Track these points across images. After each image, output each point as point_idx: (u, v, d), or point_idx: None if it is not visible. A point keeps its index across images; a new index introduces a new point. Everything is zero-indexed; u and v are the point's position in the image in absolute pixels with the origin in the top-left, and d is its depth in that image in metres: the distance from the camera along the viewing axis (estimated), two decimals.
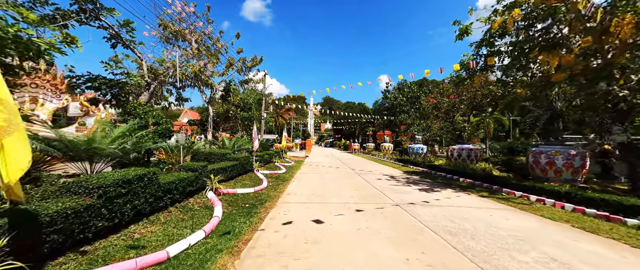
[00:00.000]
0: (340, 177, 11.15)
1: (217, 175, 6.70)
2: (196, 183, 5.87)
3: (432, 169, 13.83)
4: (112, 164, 6.03)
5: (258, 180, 9.17)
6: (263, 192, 7.51)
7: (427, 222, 4.91)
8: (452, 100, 14.41)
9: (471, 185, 9.61)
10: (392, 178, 11.18)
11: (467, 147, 13.80)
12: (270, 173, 11.28)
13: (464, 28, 9.12)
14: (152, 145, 5.92)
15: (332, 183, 9.38)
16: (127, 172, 3.76)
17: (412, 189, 8.48)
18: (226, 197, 6.41)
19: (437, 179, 11.05)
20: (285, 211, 5.55)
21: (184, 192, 5.29)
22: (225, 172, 7.72)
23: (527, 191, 7.56)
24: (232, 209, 5.52)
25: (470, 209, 6.04)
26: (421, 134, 21.36)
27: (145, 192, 4.00)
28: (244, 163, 9.62)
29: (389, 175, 12.21)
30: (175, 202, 5.08)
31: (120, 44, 8.64)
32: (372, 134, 45.11)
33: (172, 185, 4.77)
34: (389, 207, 6.07)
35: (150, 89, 8.78)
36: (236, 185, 8.04)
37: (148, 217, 4.21)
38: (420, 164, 15.82)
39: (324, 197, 7.05)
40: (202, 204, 5.58)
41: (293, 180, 9.81)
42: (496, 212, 5.89)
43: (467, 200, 6.97)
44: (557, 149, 8.44)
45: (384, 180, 10.37)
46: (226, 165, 7.86)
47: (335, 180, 10.18)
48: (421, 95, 30.27)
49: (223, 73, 14.55)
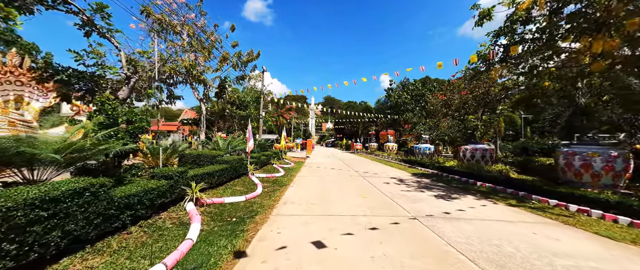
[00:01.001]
0: (343, 180, 10.11)
1: (200, 183, 5.68)
2: (172, 193, 4.85)
3: (443, 171, 12.76)
4: (72, 170, 5.02)
5: (252, 186, 8.15)
6: (256, 200, 6.48)
7: (458, 244, 3.86)
8: (465, 97, 13.32)
9: (492, 190, 8.53)
10: (401, 181, 10.12)
11: (482, 147, 12.71)
12: (267, 176, 10.25)
13: (484, 11, 8.04)
14: (119, 147, 4.90)
15: (335, 188, 8.34)
16: (55, 186, 2.73)
17: (426, 196, 7.42)
18: (210, 209, 5.38)
19: (452, 183, 9.98)
20: (279, 228, 4.51)
21: (153, 206, 4.26)
22: (211, 177, 6.69)
23: (563, 199, 6.48)
24: (214, 225, 4.48)
25: (505, 224, 4.97)
26: (428, 133, 20.25)
27: (87, 212, 2.98)
28: (236, 166, 8.59)
29: (396, 178, 11.15)
30: (141, 219, 4.06)
31: (95, 32, 7.63)
32: (374, 134, 43.99)
33: (133, 198, 3.74)
34: (406, 221, 5.02)
35: (130, 83, 7.76)
36: (225, 192, 7.01)
37: (93, 244, 3.18)
38: (429, 165, 14.75)
39: (327, 207, 6.01)
40: (177, 219, 4.55)
41: (291, 185, 8.78)
42: (537, 228, 4.82)
43: (496, 212, 5.90)
44: (594, 149, 7.35)
45: (392, 185, 9.32)
46: (213, 170, 6.83)
47: (338, 184, 9.13)
48: (426, 93, 29.12)
49: (217, 69, 13.52)
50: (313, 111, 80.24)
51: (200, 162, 8.47)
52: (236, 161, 8.60)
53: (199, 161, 8.48)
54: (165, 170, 4.91)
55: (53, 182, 2.91)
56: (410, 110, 27.86)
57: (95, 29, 7.57)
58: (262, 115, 17.55)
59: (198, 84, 13.00)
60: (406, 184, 9.63)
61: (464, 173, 11.19)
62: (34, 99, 12.39)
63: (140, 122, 5.69)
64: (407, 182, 9.95)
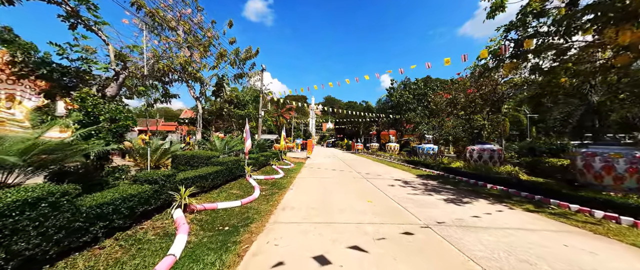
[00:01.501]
0: (345, 182, 9.60)
1: (191, 187, 5.17)
2: (157, 199, 4.34)
3: (449, 173, 12.25)
4: (48, 173, 4.51)
5: (249, 189, 7.64)
6: (252, 205, 5.97)
7: (483, 260, 3.35)
8: (471, 95, 12.82)
9: (505, 194, 8.02)
10: (407, 184, 9.61)
11: (489, 148, 12.20)
12: (265, 178, 9.75)
13: (497, 2, 7.52)
14: (99, 148, 4.41)
15: (337, 191, 7.83)
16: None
17: (435, 200, 6.90)
18: (201, 217, 4.87)
19: (460, 186, 9.46)
20: (277, 238, 4.01)
21: (133, 215, 3.76)
22: (204, 180, 6.18)
23: (586, 204, 5.96)
24: (203, 236, 3.98)
25: (529, 234, 4.46)
26: (431, 133, 19.74)
27: (43, 226, 2.47)
28: (232, 168, 8.09)
29: (401, 179, 10.64)
30: (118, 230, 3.55)
31: (81, 24, 7.14)
32: (376, 134, 43.50)
33: (107, 207, 3.24)
34: (418, 230, 4.51)
35: (119, 79, 7.26)
36: (220, 196, 6.50)
37: (54, 264, 2.68)
38: (434, 166, 14.25)
39: (329, 212, 5.50)
40: (161, 229, 4.04)
41: (291, 188, 8.28)
42: (566, 238, 4.31)
43: (515, 219, 5.39)
44: (616, 150, 6.83)
45: (397, 187, 8.81)
46: (206, 172, 6.32)
47: (340, 187, 8.62)
48: (429, 93, 28.61)
49: (214, 66, 13.02)
50: (313, 111, 79.83)
51: (194, 164, 7.98)
52: (232, 162, 8.10)
53: (193, 162, 7.97)
54: (150, 173, 4.40)
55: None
56: (413, 109, 27.33)
57: (80, 21, 7.07)
58: (261, 114, 17.05)
59: (194, 82, 12.50)
60: (412, 186, 9.12)
61: (472, 175, 10.68)
62: (26, 97, 11.89)
63: (125, 120, 5.18)
64: (413, 185, 9.44)
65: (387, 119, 31.74)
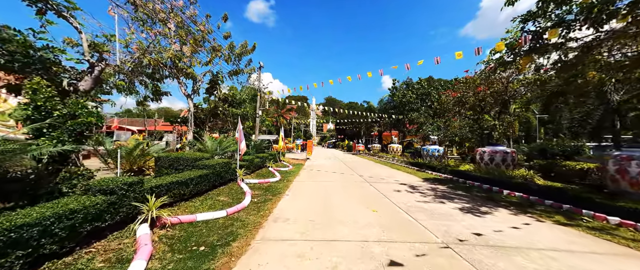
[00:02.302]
0: (347, 187, 8.77)
1: (164, 195, 4.36)
2: (114, 213, 3.53)
3: (457, 176, 11.41)
4: None
5: (239, 195, 6.83)
6: (239, 216, 5.16)
7: None
8: (481, 94, 11.98)
9: (526, 202, 7.17)
10: (414, 189, 8.77)
11: (501, 150, 11.34)
12: (260, 182, 8.93)
13: None
14: (50, 148, 3.61)
15: (338, 198, 7.00)
16: None
17: (450, 209, 6.07)
18: (173, 233, 4.05)
19: (473, 191, 8.62)
20: (262, 263, 3.19)
21: (75, 236, 2.95)
22: (183, 187, 5.36)
23: (627, 216, 5.12)
24: (169, 261, 3.16)
25: (572, 258, 3.62)
26: (437, 133, 18.89)
27: None
28: (221, 171, 7.28)
29: (406, 184, 9.80)
30: (52, 258, 2.74)
31: (51, 9, 6.35)
32: (377, 134, 42.63)
33: (30, 230, 2.43)
34: (436, 252, 3.67)
35: (94, 72, 6.46)
36: (203, 205, 5.67)
37: None
38: (441, 169, 13.39)
39: (329, 226, 4.68)
40: (115, 253, 3.21)
41: (287, 193, 7.46)
42: (622, 265, 3.47)
43: (549, 235, 4.55)
44: None
45: (404, 193, 7.98)
46: (187, 178, 5.50)
47: (342, 193, 7.80)
48: (432, 92, 27.75)
49: (208, 61, 12.22)
50: (314, 112, 79.08)
51: (179, 167, 7.17)
52: (221, 165, 7.28)
53: (177, 165, 7.17)
54: (106, 181, 3.58)
55: None
56: (416, 109, 26.46)
57: (49, 6, 6.28)
58: (258, 114, 16.26)
59: (186, 78, 11.69)
60: (420, 192, 8.28)
61: (484, 179, 9.84)
62: (13, 95, 11.02)
63: (87, 116, 4.37)
64: (421, 190, 8.60)
65: (389, 119, 30.87)
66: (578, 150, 13.96)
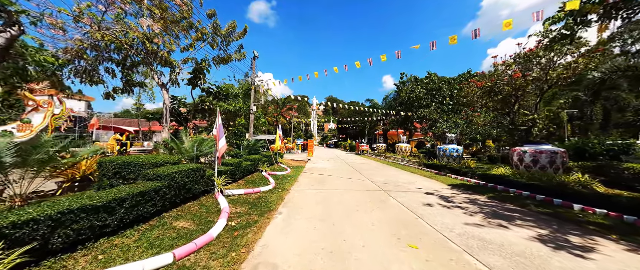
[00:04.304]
0: (360, 199, 6.67)
1: (32, 243, 2.28)
2: None
3: (492, 182, 9.30)
4: None
5: (211, 217, 4.76)
6: (196, 262, 3.10)
7: None
8: (518, 81, 9.85)
9: (624, 225, 5.05)
10: (448, 201, 6.67)
11: (548, 150, 9.22)
12: (247, 193, 6.86)
13: None
14: None
15: (352, 221, 4.91)
16: None
17: (523, 240, 3.98)
18: None
19: (527, 204, 6.50)
20: None
21: None
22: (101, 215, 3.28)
23: None
24: None
25: None
26: (454, 131, 16.76)
27: None
28: (185, 182, 5.21)
29: (434, 193, 7.71)
30: None
31: None
32: (382, 134, 40.45)
33: None
34: None
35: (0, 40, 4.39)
36: (143, 240, 3.59)
37: None
38: (466, 173, 11.29)
39: None
40: None
41: (280, 211, 5.40)
42: None
43: None
44: None
45: (439, 208, 5.90)
46: (111, 199, 3.42)
47: (354, 210, 5.70)
48: (443, 87, 25.55)
49: (189, 46, 10.16)
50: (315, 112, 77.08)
51: (128, 175, 5.12)
52: (186, 174, 5.21)
53: (126, 173, 5.12)
54: None
55: None
56: (426, 106, 24.28)
57: None
58: (253, 110, 14.23)
59: (161, 65, 9.66)
60: (459, 206, 6.18)
61: (530, 186, 7.75)
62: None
63: None
64: (458, 203, 6.50)
65: (396, 117, 28.68)
66: (626, 149, 11.82)
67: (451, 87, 24.99)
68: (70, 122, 22.28)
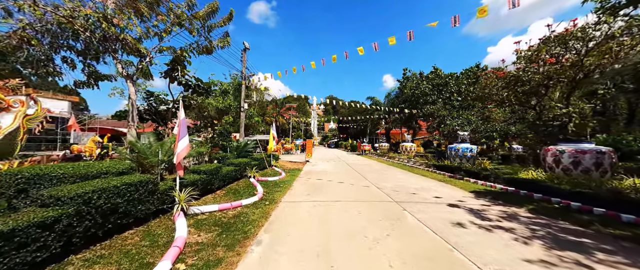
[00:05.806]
0: (368, 217, 5.11)
1: None
2: None
3: (523, 188, 7.75)
4: None
5: (152, 255, 3.23)
6: None
7: None
8: (552, 67, 8.30)
9: None
10: (479, 216, 5.13)
11: (592, 149, 7.67)
12: (221, 209, 5.33)
13: None
14: None
15: (359, 258, 3.38)
16: None
17: None
18: None
19: (588, 221, 4.95)
20: None
21: None
22: None
23: None
24: None
25: None
26: (467, 128, 15.20)
27: None
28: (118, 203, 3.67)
29: (459, 205, 6.16)
30: None
31: None
32: (384, 132, 38.87)
33: None
34: None
35: None
36: None
37: None
38: (488, 176, 9.73)
39: None
40: None
41: (257, 240, 3.87)
42: None
43: None
44: None
45: (472, 228, 4.37)
46: None
47: (362, 236, 4.16)
48: (450, 82, 23.96)
49: (163, 32, 8.63)
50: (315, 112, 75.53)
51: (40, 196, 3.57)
52: (115, 191, 3.67)
53: (37, 189, 3.58)
54: None
55: None
56: (432, 102, 22.70)
57: None
58: (244, 107, 12.71)
59: (128, 53, 8.13)
60: (500, 225, 4.63)
61: (574, 194, 6.21)
62: None
63: None
64: (495, 220, 4.94)
65: (399, 115, 27.08)
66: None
67: (458, 82, 23.39)
68: (48, 123, 20.67)
